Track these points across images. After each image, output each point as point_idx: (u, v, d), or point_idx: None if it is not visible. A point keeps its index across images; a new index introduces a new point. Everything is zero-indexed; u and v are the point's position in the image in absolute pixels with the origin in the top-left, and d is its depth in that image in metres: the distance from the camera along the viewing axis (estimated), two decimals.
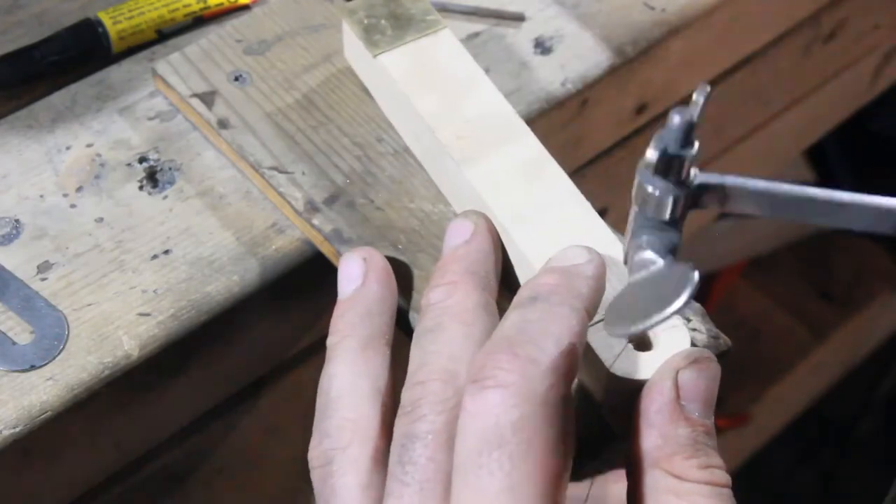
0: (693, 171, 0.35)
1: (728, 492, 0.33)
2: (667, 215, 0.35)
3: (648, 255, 0.36)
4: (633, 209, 0.36)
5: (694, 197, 0.35)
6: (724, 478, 0.33)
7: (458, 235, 0.41)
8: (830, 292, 1.42)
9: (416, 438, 0.35)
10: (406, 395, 0.37)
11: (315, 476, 0.37)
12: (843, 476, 1.48)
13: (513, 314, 0.35)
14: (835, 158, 1.34)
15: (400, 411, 0.36)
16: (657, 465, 0.34)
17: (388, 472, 0.35)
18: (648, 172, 0.35)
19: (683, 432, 0.34)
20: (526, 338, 0.33)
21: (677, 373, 0.35)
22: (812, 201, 0.35)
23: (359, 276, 0.41)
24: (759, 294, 1.42)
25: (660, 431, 0.34)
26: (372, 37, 0.47)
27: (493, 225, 0.41)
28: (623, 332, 0.34)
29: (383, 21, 0.47)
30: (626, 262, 0.37)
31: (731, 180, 0.35)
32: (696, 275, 0.32)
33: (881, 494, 0.44)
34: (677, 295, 0.32)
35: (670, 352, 0.36)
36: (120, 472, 0.46)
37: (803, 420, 1.43)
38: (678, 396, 0.34)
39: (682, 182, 0.35)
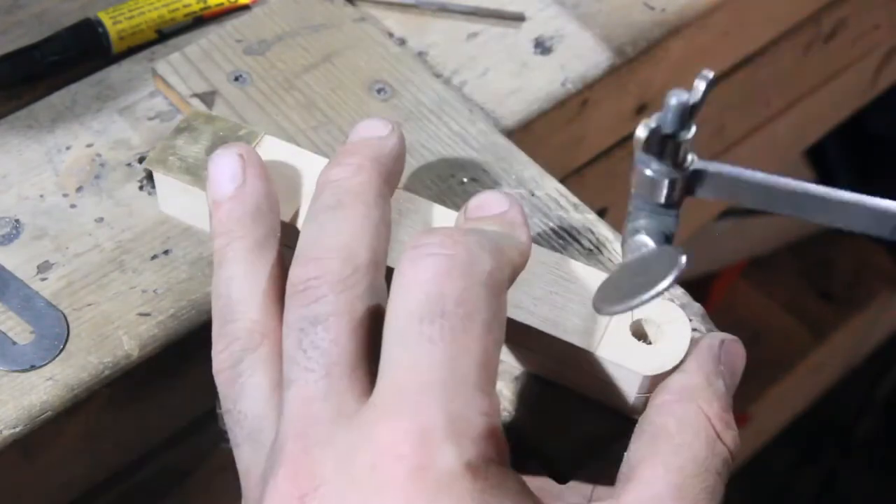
0: (690, 157, 0.35)
1: (731, 460, 0.35)
2: (662, 198, 0.35)
3: (642, 238, 0.36)
4: (631, 191, 0.36)
5: (690, 183, 0.35)
6: (735, 445, 0.35)
7: (374, 130, 0.39)
8: (830, 292, 1.42)
9: (317, 321, 0.33)
10: (298, 271, 0.34)
11: (221, 379, 0.36)
12: (843, 476, 1.48)
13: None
14: (835, 158, 1.34)
15: (290, 289, 0.34)
16: (696, 399, 0.35)
17: (285, 359, 0.33)
18: (643, 153, 0.34)
19: (722, 386, 0.36)
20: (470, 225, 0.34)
21: (723, 340, 0.37)
22: (810, 198, 0.34)
23: (239, 174, 0.38)
24: (759, 294, 1.42)
25: (707, 375, 0.36)
26: (199, 175, 0.42)
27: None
28: (608, 311, 0.34)
29: (203, 155, 0.43)
30: (622, 245, 0.37)
31: (728, 169, 0.35)
32: (684, 258, 0.32)
33: (881, 494, 0.44)
34: (663, 276, 0.32)
35: (675, 345, 0.37)
36: (120, 472, 0.46)
37: (803, 420, 1.43)
38: (720, 357, 0.37)
39: (678, 165, 0.34)
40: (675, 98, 0.33)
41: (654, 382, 0.37)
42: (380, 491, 0.29)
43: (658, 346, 0.38)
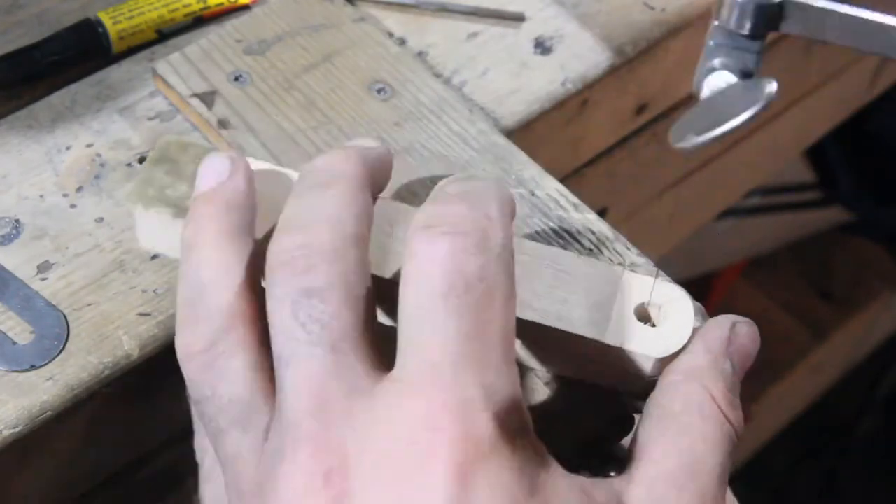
0: None
1: (735, 439, 0.35)
2: (747, 28, 0.33)
3: (722, 74, 0.35)
4: (711, 25, 0.34)
5: (775, 16, 0.33)
6: (740, 424, 0.35)
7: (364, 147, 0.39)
8: (830, 292, 1.42)
9: (312, 293, 0.32)
10: (283, 240, 0.33)
11: (194, 366, 0.34)
12: (844, 476, 1.48)
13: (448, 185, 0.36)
14: (835, 158, 1.35)
15: (273, 259, 0.33)
16: (701, 379, 0.35)
17: (279, 333, 0.32)
18: None
19: (729, 368, 0.36)
20: (476, 196, 0.34)
21: (735, 323, 0.37)
22: None
23: (224, 172, 0.37)
24: (759, 294, 1.42)
25: (714, 357, 0.36)
26: (182, 206, 0.39)
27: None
28: (689, 144, 0.33)
29: (184, 186, 0.40)
30: (696, 87, 0.35)
31: (818, 2, 0.33)
32: (774, 86, 0.31)
33: (881, 494, 0.44)
34: (752, 104, 0.31)
35: (680, 325, 0.38)
36: (120, 472, 0.46)
37: (803, 420, 1.43)
38: (729, 340, 0.37)
39: None
40: None
41: (664, 364, 0.37)
42: (421, 464, 0.30)
43: (662, 329, 0.38)
